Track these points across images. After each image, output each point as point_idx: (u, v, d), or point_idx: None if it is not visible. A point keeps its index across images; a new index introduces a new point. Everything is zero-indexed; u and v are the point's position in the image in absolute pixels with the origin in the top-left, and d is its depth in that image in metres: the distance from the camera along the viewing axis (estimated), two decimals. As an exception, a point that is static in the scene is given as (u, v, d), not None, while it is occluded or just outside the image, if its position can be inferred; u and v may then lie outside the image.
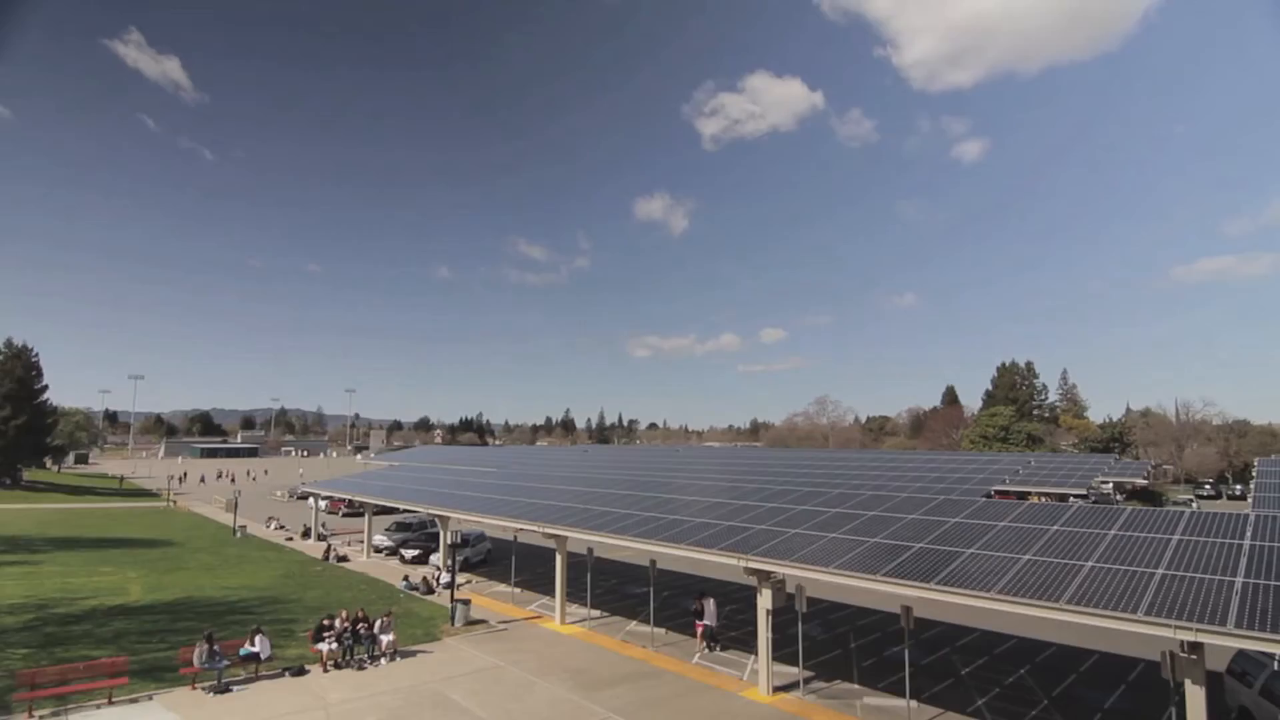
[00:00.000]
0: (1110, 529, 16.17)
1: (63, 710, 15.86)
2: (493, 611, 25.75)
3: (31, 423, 72.45)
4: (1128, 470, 69.30)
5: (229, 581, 30.44)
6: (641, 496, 26.75)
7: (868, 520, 19.65)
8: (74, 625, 22.73)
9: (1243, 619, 11.22)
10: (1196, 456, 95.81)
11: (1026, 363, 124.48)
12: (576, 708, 16.74)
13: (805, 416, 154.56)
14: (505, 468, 46.59)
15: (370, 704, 16.83)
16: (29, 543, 40.83)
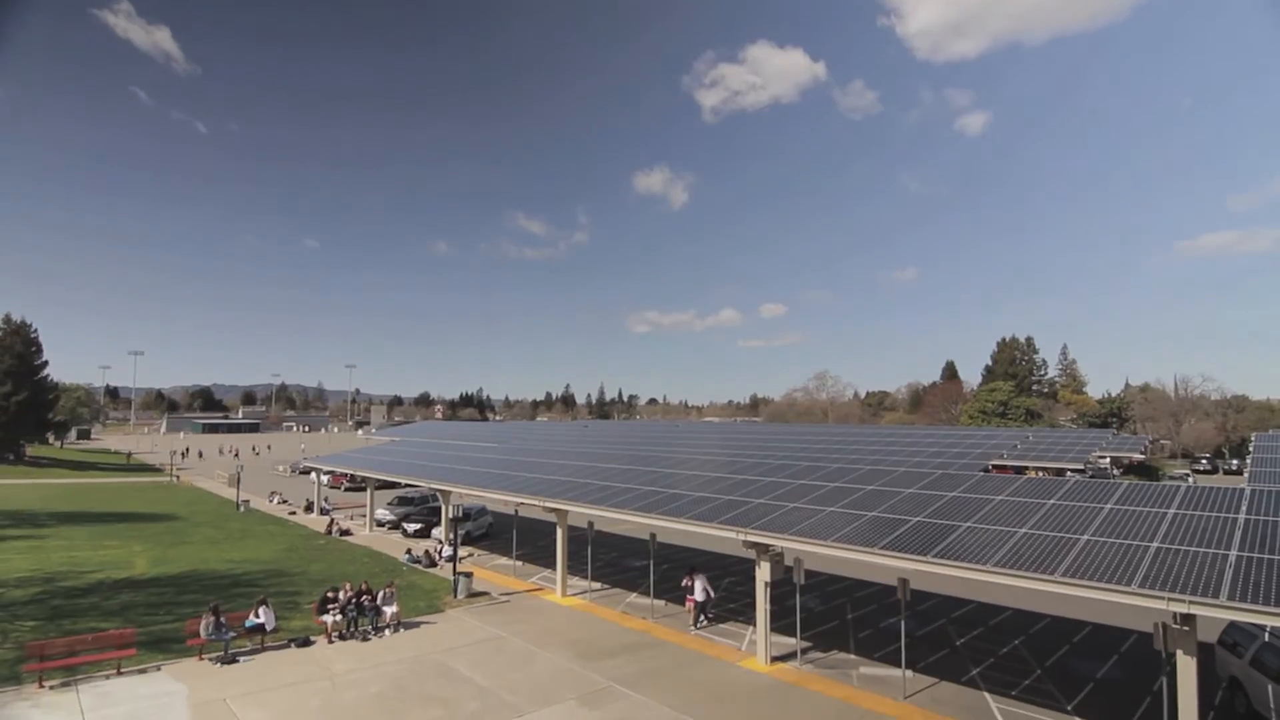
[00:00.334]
0: (1106, 503, 16.30)
1: (72, 681, 16.13)
2: (495, 584, 26.07)
3: (33, 399, 72.63)
4: (1125, 445, 69.73)
5: (233, 555, 30.78)
6: (641, 471, 26.91)
7: (866, 494, 19.80)
8: (81, 598, 23.03)
9: (1235, 591, 11.35)
10: (1194, 432, 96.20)
11: (1027, 338, 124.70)
12: (578, 677, 17.04)
13: (805, 392, 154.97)
14: (506, 443, 46.84)
15: (375, 674, 17.12)
16: (34, 517, 41.21)
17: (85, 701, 15.09)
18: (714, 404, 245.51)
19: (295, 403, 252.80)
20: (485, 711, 14.97)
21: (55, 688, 15.73)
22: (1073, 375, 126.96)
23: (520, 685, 16.48)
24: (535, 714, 14.90)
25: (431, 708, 15.12)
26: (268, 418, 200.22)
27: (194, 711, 14.72)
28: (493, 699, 15.66)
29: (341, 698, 15.64)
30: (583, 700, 15.67)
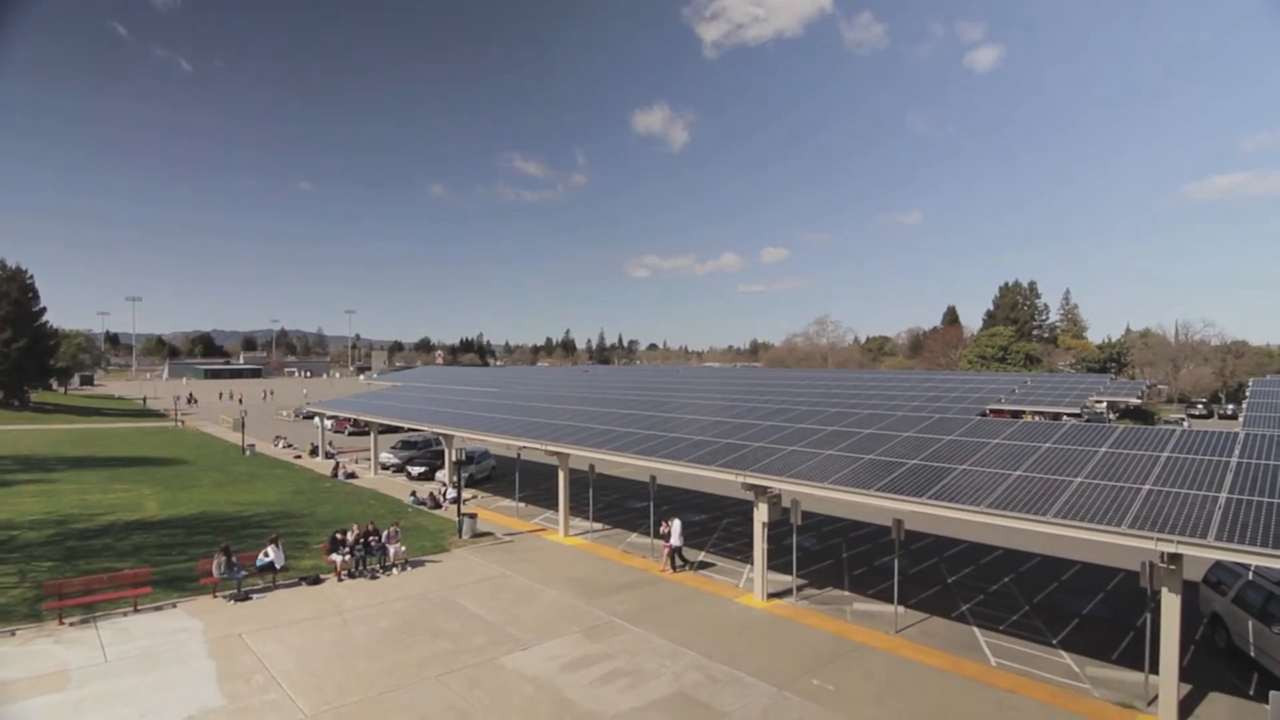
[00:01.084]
0: (1101, 446, 16.49)
1: (91, 618, 16.68)
2: (498, 525, 26.66)
3: (33, 345, 72.61)
4: (1122, 390, 70.16)
5: (241, 498, 31.37)
6: (642, 415, 27.16)
7: (863, 438, 20.02)
8: (94, 539, 23.59)
9: (1223, 532, 11.60)
10: (1192, 377, 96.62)
11: (1030, 283, 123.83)
12: (580, 612, 17.60)
13: (805, 337, 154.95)
14: (507, 387, 47.11)
15: (384, 610, 17.69)
16: (43, 462, 41.81)
17: (105, 637, 15.64)
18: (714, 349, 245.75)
19: (296, 348, 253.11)
20: (491, 645, 15.53)
21: (75, 624, 16.28)
22: (1074, 320, 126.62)
23: (525, 620, 17.05)
24: (540, 647, 15.46)
25: (440, 641, 15.68)
26: (269, 363, 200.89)
27: (211, 646, 15.27)
28: (499, 633, 16.23)
29: (353, 632, 16.20)
30: (586, 634, 16.23)
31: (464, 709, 12.61)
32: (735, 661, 14.74)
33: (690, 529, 26.66)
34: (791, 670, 14.35)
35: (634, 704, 12.91)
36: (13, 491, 31.97)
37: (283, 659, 14.66)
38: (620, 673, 14.23)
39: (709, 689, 13.55)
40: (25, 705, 12.48)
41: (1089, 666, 14.77)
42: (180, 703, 12.69)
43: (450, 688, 13.44)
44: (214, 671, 14.01)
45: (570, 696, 13.18)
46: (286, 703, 12.75)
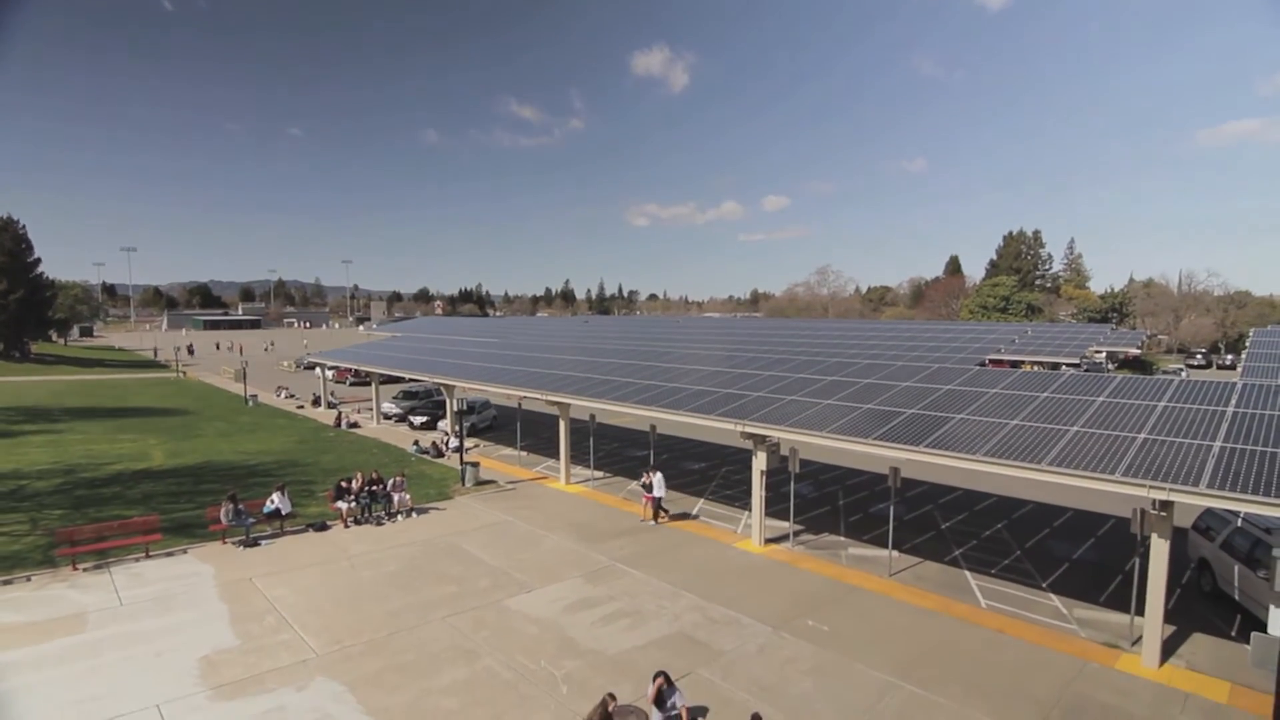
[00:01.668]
0: (1098, 396, 16.58)
1: (104, 564, 17.08)
2: (500, 473, 27.05)
3: (30, 296, 72.26)
4: (1122, 340, 70.16)
5: (246, 447, 31.74)
6: (642, 365, 27.22)
7: (862, 388, 20.11)
8: (103, 488, 23.97)
9: (1215, 480, 11.76)
10: (1193, 327, 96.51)
11: (1034, 232, 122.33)
12: (582, 557, 18.02)
13: (806, 287, 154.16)
14: (507, 338, 47.11)
15: (390, 555, 18.10)
16: (48, 412, 42.15)
17: (119, 581, 16.06)
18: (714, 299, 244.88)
19: (294, 299, 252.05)
20: (496, 588, 15.95)
21: (89, 570, 16.69)
22: (1077, 270, 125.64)
23: (528, 564, 17.47)
24: (543, 590, 15.88)
25: (445, 585, 16.10)
26: (268, 314, 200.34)
27: (222, 590, 15.68)
28: (502, 576, 16.65)
29: (360, 576, 16.62)
30: (587, 578, 16.65)
31: (470, 648, 13.04)
32: (733, 603, 15.16)
33: (690, 477, 27.08)
34: (787, 612, 14.78)
35: (635, 643, 13.34)
36: (19, 442, 32.33)
37: (293, 602, 15.08)
38: (621, 614, 14.66)
39: (707, 629, 13.98)
40: (46, 647, 12.89)
41: (1077, 608, 15.20)
42: (196, 643, 13.11)
43: (457, 628, 13.86)
44: (227, 614, 14.43)
45: (573, 636, 13.61)
46: (298, 643, 13.18)
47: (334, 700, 11.21)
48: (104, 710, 10.81)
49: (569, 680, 11.95)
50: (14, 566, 16.54)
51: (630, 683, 11.66)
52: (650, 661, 12.17)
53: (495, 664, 12.47)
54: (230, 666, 12.26)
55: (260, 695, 11.33)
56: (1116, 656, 12.97)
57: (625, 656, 12.81)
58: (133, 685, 11.57)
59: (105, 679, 11.77)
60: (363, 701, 11.19)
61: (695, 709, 10.92)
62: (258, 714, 10.79)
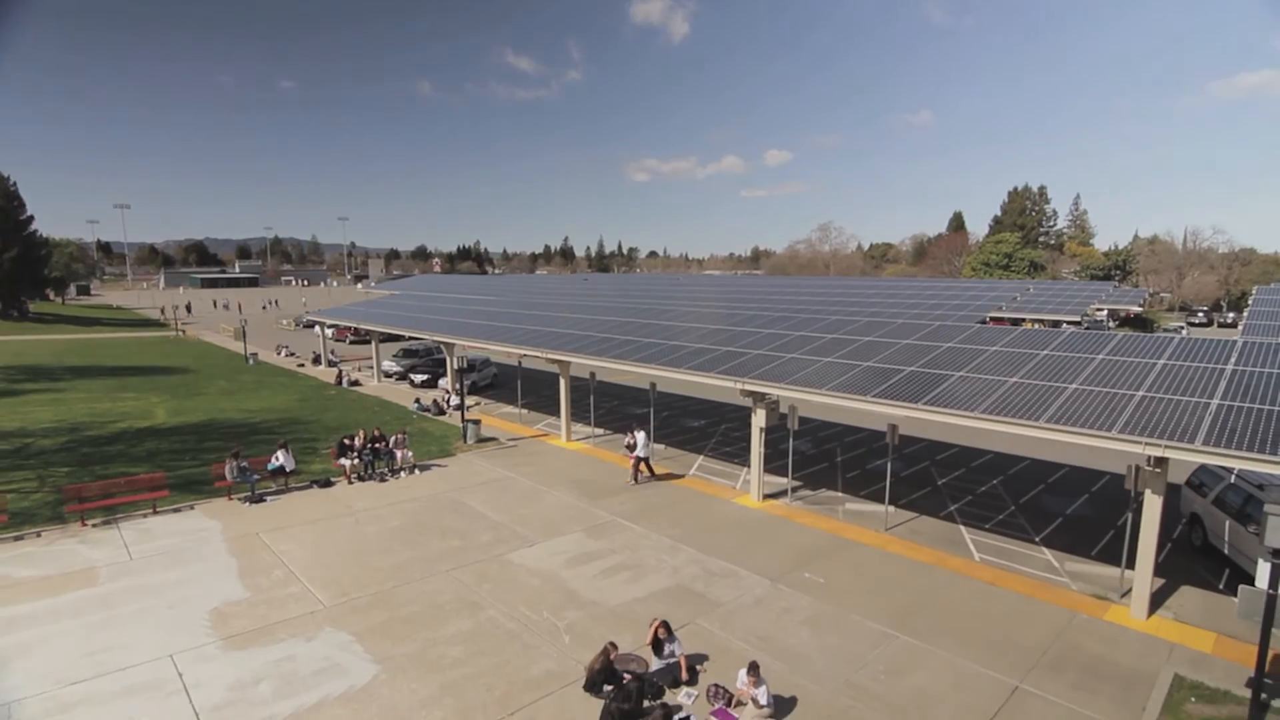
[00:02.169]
0: (1098, 354, 16.58)
1: (113, 520, 17.35)
2: (501, 430, 27.26)
3: (24, 254, 71.74)
4: (1124, 298, 69.89)
5: (248, 405, 31.91)
6: (642, 323, 27.16)
7: (862, 345, 20.10)
8: (107, 446, 24.18)
9: (1210, 437, 11.84)
10: (1196, 285, 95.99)
11: (1040, 187, 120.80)
12: (583, 512, 18.30)
13: (807, 244, 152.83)
14: (507, 296, 46.91)
15: (394, 510, 18.38)
16: (49, 371, 42.25)
17: (127, 537, 16.33)
18: (715, 256, 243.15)
19: (291, 256, 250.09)
20: (498, 542, 16.24)
21: (98, 526, 16.96)
22: (1082, 227, 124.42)
23: (530, 519, 17.75)
24: (545, 544, 16.17)
25: (449, 539, 16.39)
26: (265, 272, 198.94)
27: (230, 544, 15.97)
28: (505, 531, 16.94)
29: (365, 531, 16.90)
30: (589, 532, 16.94)
31: (474, 600, 13.34)
32: (731, 557, 15.46)
33: (689, 434, 27.31)
34: (785, 565, 15.07)
35: (635, 595, 13.64)
36: (22, 401, 32.50)
37: (300, 555, 15.37)
38: (622, 567, 14.95)
39: (706, 581, 14.28)
40: (59, 600, 13.19)
41: (1068, 562, 15.51)
42: (206, 596, 13.41)
43: (461, 581, 14.16)
44: (235, 567, 14.72)
45: (574, 588, 13.91)
46: (306, 595, 13.48)
47: (342, 650, 11.53)
48: (119, 660, 11.12)
49: (571, 630, 12.27)
50: (24, 523, 16.80)
51: (631, 633, 11.96)
52: (650, 613, 12.46)
53: (499, 615, 12.77)
54: (240, 618, 12.56)
55: (271, 645, 11.64)
56: (1105, 608, 13.28)
57: (626, 608, 13.12)
58: (145, 636, 11.88)
59: (118, 631, 12.08)
60: (370, 651, 11.50)
61: (694, 657, 11.23)
62: (269, 663, 11.11)
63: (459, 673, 10.89)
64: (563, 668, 11.07)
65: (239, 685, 10.48)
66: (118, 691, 10.29)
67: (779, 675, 10.75)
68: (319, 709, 9.93)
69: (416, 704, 10.07)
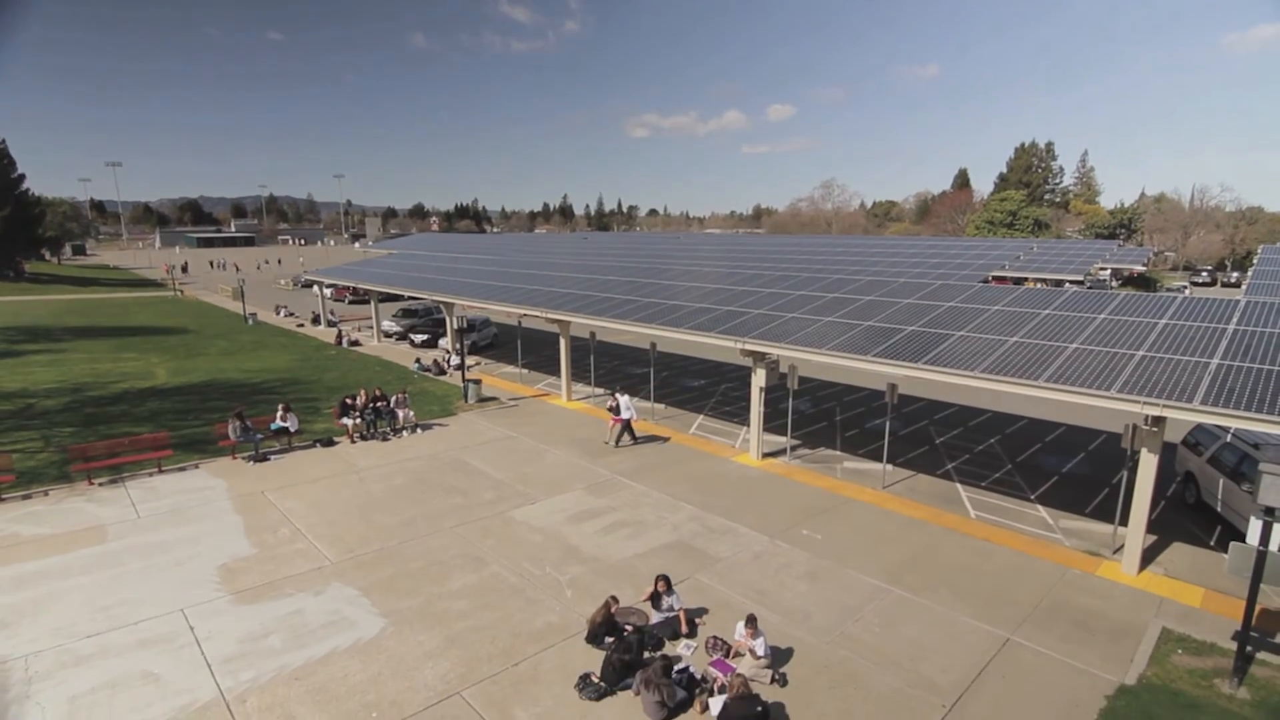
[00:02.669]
0: (1100, 313, 16.52)
1: (119, 479, 17.54)
2: (502, 390, 27.36)
3: (17, 214, 70.88)
4: (1128, 257, 69.21)
5: (249, 365, 31.96)
6: (642, 283, 27.01)
7: (863, 305, 20.02)
8: (110, 406, 24.30)
9: (1209, 397, 11.88)
10: (1201, 244, 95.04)
11: (1047, 143, 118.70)
12: (584, 470, 18.50)
13: (810, 201, 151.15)
14: (506, 255, 46.51)
15: (398, 468, 18.57)
16: (49, 332, 42.21)
17: (134, 495, 16.54)
18: (716, 215, 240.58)
19: (287, 215, 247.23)
20: (501, 500, 16.46)
21: (104, 484, 17.16)
22: (1088, 184, 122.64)
23: (532, 478, 17.95)
24: (547, 501, 16.39)
25: (452, 497, 16.60)
26: (261, 231, 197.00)
27: (236, 502, 16.18)
28: (507, 489, 17.14)
29: (369, 489, 17.11)
30: (590, 490, 17.15)
31: (478, 555, 13.59)
32: (730, 514, 15.68)
33: (689, 394, 27.43)
34: (783, 521, 15.30)
35: (636, 550, 13.88)
36: (23, 361, 32.54)
37: (305, 513, 15.59)
38: (622, 523, 15.19)
39: (705, 537, 14.52)
40: (70, 556, 13.43)
41: (1063, 519, 15.74)
42: (214, 552, 13.65)
43: (464, 537, 14.39)
44: (241, 525, 14.95)
45: (576, 544, 14.16)
46: (313, 551, 13.72)
47: (349, 604, 11.79)
48: (131, 615, 11.38)
49: (573, 585, 12.52)
50: (31, 482, 17.00)
51: (632, 587, 12.21)
52: (651, 568, 12.70)
53: (502, 570, 13.02)
54: (248, 574, 12.81)
55: (279, 600, 11.90)
56: (1098, 564, 13.53)
57: (627, 563, 13.37)
58: (156, 591, 12.13)
59: (129, 586, 12.33)
60: (377, 605, 11.76)
61: (693, 610, 11.49)
62: (278, 616, 11.37)
63: (464, 625, 11.16)
64: (565, 621, 11.33)
65: (249, 638, 10.75)
66: (131, 644, 10.56)
67: (776, 627, 11.02)
68: (328, 660, 10.20)
69: (423, 655, 10.34)
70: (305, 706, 9.19)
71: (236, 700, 9.31)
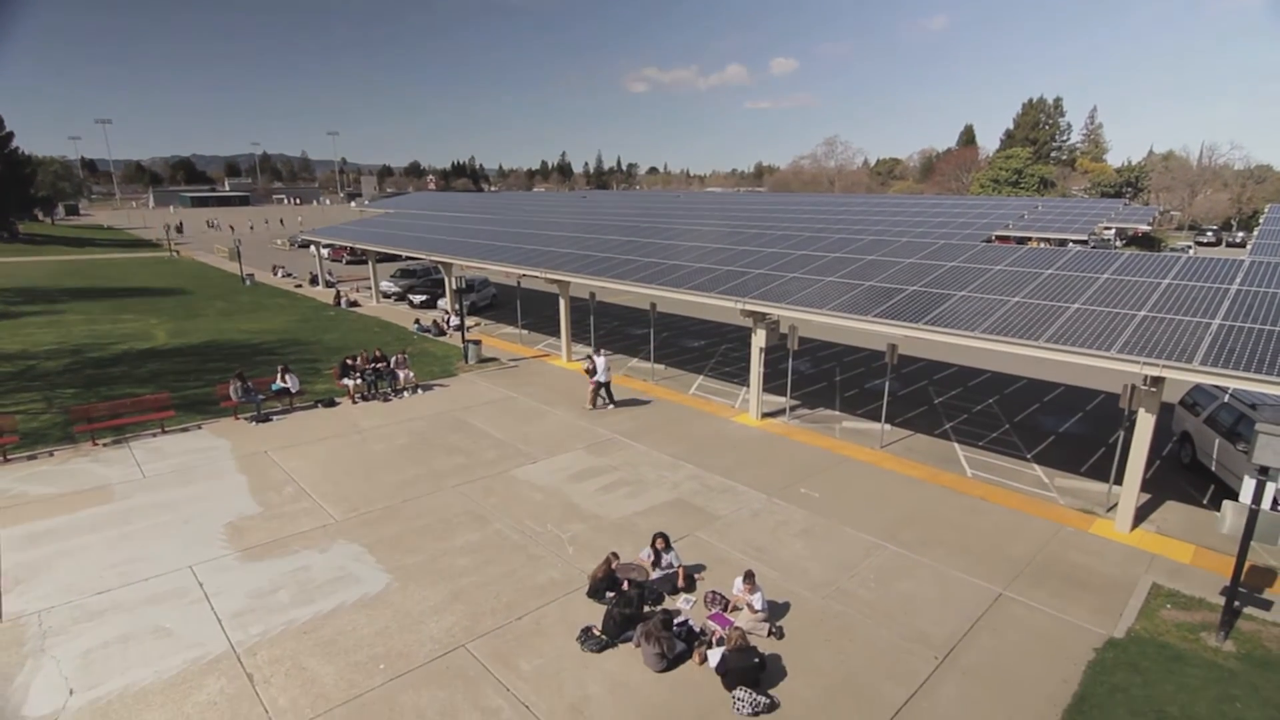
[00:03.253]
0: (1103, 273, 16.40)
1: (123, 439, 17.68)
2: (502, 351, 27.37)
3: (8, 173, 69.86)
4: (1133, 216, 68.58)
5: (248, 326, 31.91)
6: (642, 243, 26.76)
7: (865, 264, 19.88)
8: (111, 367, 24.33)
9: (1209, 357, 11.88)
10: (1208, 203, 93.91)
11: (1055, 99, 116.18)
12: (585, 430, 18.63)
13: (812, 159, 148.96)
14: (504, 214, 45.99)
15: (399, 428, 18.71)
16: (46, 293, 42.01)
17: (139, 455, 16.69)
18: (717, 173, 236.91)
19: (281, 174, 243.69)
20: (503, 459, 16.62)
21: (108, 445, 17.30)
22: (1096, 142, 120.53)
23: (533, 437, 18.09)
24: (548, 460, 16.55)
25: (454, 456, 16.76)
26: (256, 190, 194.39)
27: (239, 462, 16.34)
28: (509, 448, 17.29)
29: (371, 449, 17.26)
30: (590, 449, 17.30)
31: (480, 513, 13.78)
32: (729, 473, 15.85)
33: (689, 354, 27.46)
34: (781, 480, 15.48)
35: (636, 508, 14.08)
36: (21, 323, 32.48)
37: (309, 472, 15.75)
38: (623, 482, 15.37)
39: (704, 496, 14.71)
40: (78, 516, 13.62)
41: (1058, 478, 15.91)
42: (220, 511, 13.84)
43: (467, 496, 14.58)
44: (246, 484, 15.12)
45: (577, 502, 14.35)
46: (317, 509, 13.91)
47: (355, 560, 12.00)
48: (141, 571, 11.60)
49: (574, 542, 12.73)
50: (35, 443, 17.13)
51: (632, 544, 12.42)
52: (650, 525, 12.90)
53: (505, 528, 13.22)
54: (255, 532, 13.01)
55: (286, 557, 12.11)
56: (1091, 521, 13.74)
57: (627, 521, 13.57)
58: (164, 549, 12.34)
59: (138, 544, 12.53)
60: (382, 561, 11.97)
61: (692, 566, 11.70)
62: (285, 573, 11.59)
63: (468, 581, 11.38)
64: (566, 576, 11.55)
65: (258, 593, 10.98)
66: (142, 600, 10.79)
67: (773, 583, 11.25)
68: (336, 614, 10.44)
69: (428, 610, 10.58)
70: (315, 659, 9.44)
71: (247, 653, 9.55)
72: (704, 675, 9.13)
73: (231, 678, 9.07)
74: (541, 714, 8.49)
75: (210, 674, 9.14)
